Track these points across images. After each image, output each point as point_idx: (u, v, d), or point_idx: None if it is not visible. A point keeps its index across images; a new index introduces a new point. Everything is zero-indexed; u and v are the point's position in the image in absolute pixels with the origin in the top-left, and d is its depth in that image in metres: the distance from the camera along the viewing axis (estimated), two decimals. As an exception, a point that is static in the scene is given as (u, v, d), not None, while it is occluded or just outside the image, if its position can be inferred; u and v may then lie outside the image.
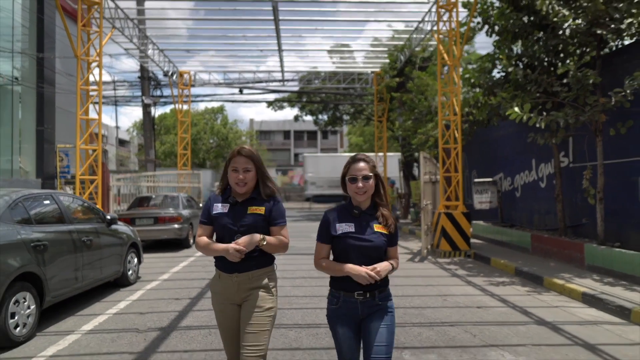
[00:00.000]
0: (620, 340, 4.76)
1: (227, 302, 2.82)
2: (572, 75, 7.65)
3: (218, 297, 2.86)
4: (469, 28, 10.79)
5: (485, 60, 10.19)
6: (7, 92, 12.24)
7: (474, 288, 7.27)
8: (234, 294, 2.78)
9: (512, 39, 9.55)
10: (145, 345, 4.65)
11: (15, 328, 4.65)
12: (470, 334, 4.90)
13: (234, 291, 2.78)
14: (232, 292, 2.78)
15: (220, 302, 2.84)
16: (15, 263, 4.68)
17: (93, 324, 5.39)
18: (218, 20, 14.64)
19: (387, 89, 18.12)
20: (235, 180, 2.78)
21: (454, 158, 11.19)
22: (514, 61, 9.42)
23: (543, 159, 11.08)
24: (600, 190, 8.40)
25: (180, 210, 12.32)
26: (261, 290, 2.78)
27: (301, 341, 4.70)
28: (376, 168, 2.69)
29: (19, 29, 12.62)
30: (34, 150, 13.06)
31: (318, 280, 7.44)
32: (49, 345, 4.68)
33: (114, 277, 7.15)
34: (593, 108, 7.78)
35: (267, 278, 2.83)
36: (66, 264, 5.64)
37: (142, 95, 20.65)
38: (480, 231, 13.11)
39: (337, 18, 14.64)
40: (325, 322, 2.71)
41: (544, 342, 4.68)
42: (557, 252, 9.02)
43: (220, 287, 2.83)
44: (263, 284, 2.79)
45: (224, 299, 2.82)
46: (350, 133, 44.22)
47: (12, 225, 4.89)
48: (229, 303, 2.81)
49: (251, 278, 2.77)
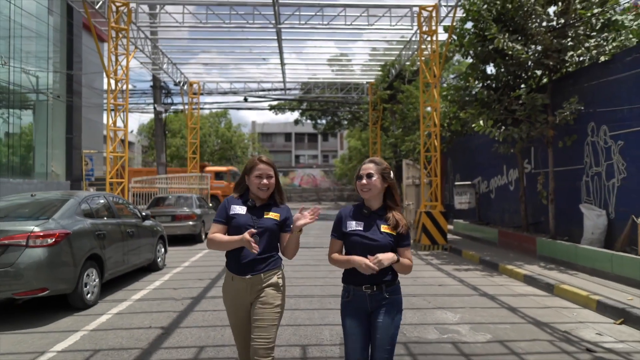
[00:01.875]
0: (537, 305, 6.38)
1: (240, 304, 2.98)
2: (524, 98, 9.28)
3: (230, 299, 3.01)
4: (446, 52, 12.41)
5: (460, 80, 11.81)
6: (43, 106, 13.91)
7: (442, 273, 8.89)
8: (247, 295, 2.95)
9: (481, 63, 11.17)
10: (184, 307, 6.27)
11: (87, 295, 6.27)
12: (426, 301, 6.52)
13: (247, 292, 2.94)
14: (245, 293, 2.95)
15: (233, 304, 3.01)
16: (86, 246, 6.31)
17: (139, 295, 7.02)
18: (227, 40, 16.24)
19: (380, 100, 19.79)
20: (259, 186, 2.97)
21: (434, 164, 12.81)
22: (482, 82, 11.03)
23: (512, 165, 12.70)
24: (551, 193, 10.04)
25: (194, 209, 13.94)
26: (271, 288, 2.97)
27: (299, 305, 6.31)
28: (390, 174, 2.83)
29: (51, 48, 14.26)
30: (64, 155, 14.71)
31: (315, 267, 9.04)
32: (111, 307, 6.30)
33: (147, 263, 8.76)
34: (542, 125, 9.42)
35: (277, 276, 3.02)
36: (117, 249, 7.26)
37: (155, 103, 22.26)
38: (460, 228, 14.73)
39: (333, 35, 16.25)
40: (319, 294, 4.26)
41: (479, 306, 6.30)
42: (517, 245, 10.64)
43: (233, 290, 2.99)
44: (273, 283, 2.98)
45: (236, 301, 2.99)
46: (349, 136, 45.82)
47: (82, 218, 6.52)
48: (241, 304, 2.98)
49: (263, 278, 2.94)
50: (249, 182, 3.03)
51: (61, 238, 5.77)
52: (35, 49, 13.63)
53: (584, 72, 9.51)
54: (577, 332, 5.19)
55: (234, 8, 12.82)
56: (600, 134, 9.04)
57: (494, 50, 10.59)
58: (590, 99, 9.18)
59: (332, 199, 48.04)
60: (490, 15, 9.96)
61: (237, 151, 42.30)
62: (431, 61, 12.88)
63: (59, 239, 5.74)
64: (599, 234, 8.73)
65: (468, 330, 5.23)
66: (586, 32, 9.14)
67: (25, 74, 12.85)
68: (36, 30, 13.51)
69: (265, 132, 64.65)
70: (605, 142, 8.87)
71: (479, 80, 10.83)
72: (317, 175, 57.59)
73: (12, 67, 12.22)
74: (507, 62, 9.92)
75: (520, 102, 9.64)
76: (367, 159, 2.91)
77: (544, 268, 8.58)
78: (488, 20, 9.79)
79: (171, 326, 5.41)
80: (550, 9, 9.99)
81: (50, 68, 13.96)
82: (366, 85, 21.71)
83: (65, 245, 5.85)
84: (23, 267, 5.38)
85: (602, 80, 8.86)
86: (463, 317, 5.77)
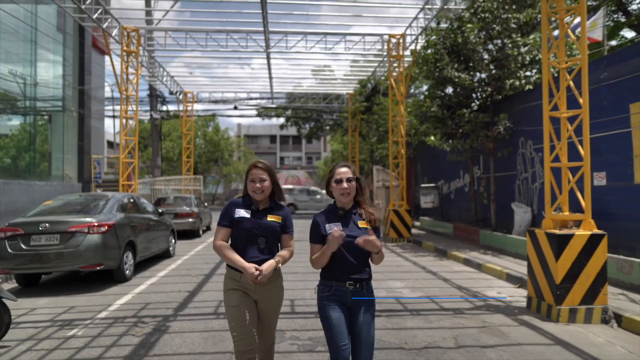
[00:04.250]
0: (464, 278, 8.56)
1: (245, 298, 3.10)
2: (467, 116, 11.51)
3: (236, 294, 3.11)
4: (411, 73, 14.63)
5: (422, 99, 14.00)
6: (60, 117, 15.74)
7: (401, 258, 11.05)
8: (252, 291, 3.12)
9: (440, 85, 13.38)
10: (200, 280, 8.28)
11: (126, 271, 8.25)
12: (383, 275, 8.64)
13: (253, 291, 3.11)
14: (252, 289, 3.11)
15: (238, 297, 3.09)
16: (125, 234, 8.29)
17: (163, 273, 9.02)
18: (222, 58, 18.21)
19: (358, 111, 22.00)
20: (253, 189, 3.12)
21: (401, 169, 15.00)
22: (441, 101, 13.22)
23: (467, 170, 14.95)
24: (493, 194, 12.30)
25: (193, 208, 15.90)
26: (275, 289, 3.20)
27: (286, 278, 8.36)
28: (357, 173, 2.99)
29: (68, 69, 16.13)
30: (76, 160, 16.54)
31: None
32: (145, 281, 8.29)
33: (162, 251, 10.72)
34: (483, 138, 11.66)
35: (279, 277, 3.23)
36: (144, 238, 9.24)
37: (151, 111, 24.11)
38: (425, 224, 16.96)
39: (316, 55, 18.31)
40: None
41: (422, 278, 8.45)
42: (466, 237, 12.87)
43: (236, 284, 3.12)
44: (277, 283, 3.21)
45: (242, 295, 3.10)
46: (332, 139, 47.98)
47: (122, 213, 8.50)
48: (247, 298, 3.11)
49: (269, 279, 3.08)
50: (247, 186, 3.20)
51: (110, 227, 7.76)
52: (53, 68, 15.49)
53: (515, 97, 11.76)
54: (484, 292, 7.37)
55: (230, 34, 14.82)
56: (527, 147, 11.30)
57: (446, 77, 12.84)
58: (520, 118, 11.44)
59: (315, 200, 50.10)
60: (445, 48, 12.14)
61: (224, 154, 44.14)
62: (399, 82, 15.07)
63: (109, 228, 7.73)
64: (525, 226, 10.98)
65: (408, 291, 7.37)
66: (517, 65, 11.39)
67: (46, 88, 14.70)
68: (53, 50, 15.37)
69: (250, 134, 66.39)
70: (531, 153, 11.13)
71: (435, 99, 13.02)
72: (301, 176, 59.46)
73: (38, 87, 14.08)
74: (457, 86, 12.14)
75: (466, 119, 11.86)
76: (337, 164, 3.05)
77: (482, 253, 10.78)
78: (442, 52, 11.99)
79: (194, 291, 7.45)
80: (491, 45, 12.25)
81: (66, 84, 15.80)
82: (346, 96, 23.89)
83: (113, 232, 7.84)
84: (85, 248, 7.36)
85: (527, 105, 11.13)
86: (407, 284, 7.92)
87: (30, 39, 14.34)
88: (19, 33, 13.81)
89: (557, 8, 6.26)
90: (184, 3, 16.26)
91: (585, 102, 5.93)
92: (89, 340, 5.01)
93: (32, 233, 7.29)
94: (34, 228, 7.32)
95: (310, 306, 6.40)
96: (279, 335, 4.93)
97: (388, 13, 15.97)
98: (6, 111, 14.24)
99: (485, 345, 4.83)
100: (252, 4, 13.35)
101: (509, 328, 5.41)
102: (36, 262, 7.23)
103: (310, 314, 5.98)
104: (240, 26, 14.93)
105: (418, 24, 13.82)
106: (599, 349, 4.73)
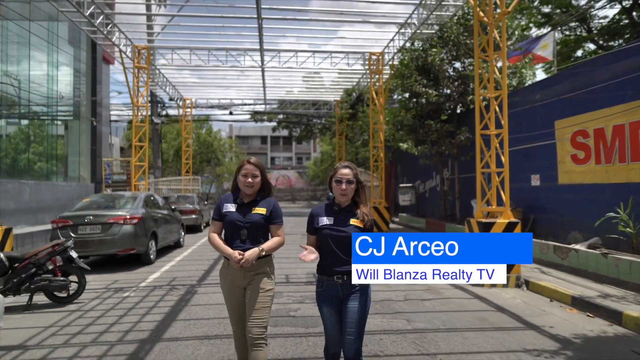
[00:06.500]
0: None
1: (234, 286, 3.36)
2: (434, 126, 13.54)
3: (227, 281, 3.40)
4: (389, 86, 16.65)
5: (398, 108, 16.03)
6: (75, 124, 17.53)
7: (378, 247, 13.03)
8: (241, 279, 3.34)
9: (413, 98, 15.40)
10: (210, 264, 10.18)
11: (151, 255, 10.13)
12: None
13: (241, 277, 3.34)
14: (239, 278, 3.34)
15: (228, 286, 3.39)
16: (150, 225, 10.17)
17: (180, 257, 10.92)
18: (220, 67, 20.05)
19: (344, 117, 24.02)
20: (244, 184, 3.33)
21: (380, 170, 17.00)
22: (415, 111, 15.23)
23: (438, 172, 17.01)
24: (458, 192, 14.36)
25: (195, 205, 17.77)
26: (263, 275, 3.36)
27: (281, 261, 10.31)
28: (358, 175, 3.13)
29: (82, 80, 17.93)
30: (89, 163, 18.32)
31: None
32: (166, 264, 10.18)
33: (174, 242, 12.59)
34: (448, 145, 13.71)
35: (267, 266, 3.40)
36: (163, 229, 11.11)
37: (152, 116, 25.88)
38: (404, 220, 19.01)
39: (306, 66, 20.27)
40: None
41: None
42: (435, 230, 14.90)
43: (229, 275, 3.37)
44: (264, 270, 3.37)
45: (231, 283, 3.37)
46: (321, 141, 49.91)
47: (146, 208, 10.38)
48: (236, 286, 3.36)
49: (255, 266, 3.31)
50: (237, 180, 3.39)
51: (140, 220, 9.65)
52: (72, 82, 17.29)
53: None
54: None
55: (229, 51, 16.72)
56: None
57: (417, 91, 14.88)
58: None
59: (305, 199, 51.94)
60: (417, 66, 14.14)
61: (217, 154, 45.86)
62: (379, 93, 17.08)
63: (139, 220, 9.62)
64: (482, 219, 13.02)
65: (378, 269, 9.34)
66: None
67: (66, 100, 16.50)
68: (71, 64, 17.17)
69: (242, 135, 67.92)
70: (487, 158, 13.17)
71: (409, 110, 15.03)
72: (291, 176, 61.16)
73: (58, 99, 15.89)
74: (425, 100, 14.17)
75: (434, 129, 13.88)
76: (340, 163, 3.16)
77: (445, 243, 12.80)
78: (412, 70, 14.00)
79: (209, 269, 9.37)
80: (458, 63, 14.30)
81: (81, 95, 17.60)
82: (333, 102, 25.89)
83: (141, 224, 9.72)
84: (121, 236, 9.24)
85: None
86: (378, 264, 9.89)
87: (51, 55, 16.11)
88: (42, 51, 15.59)
89: (488, 53, 8.29)
90: (185, 19, 17.53)
91: (505, 123, 7.97)
92: (142, 298, 6.92)
93: (79, 224, 9.16)
94: (80, 220, 9.19)
95: (301, 278, 8.35)
96: (278, 295, 6.85)
97: (369, 35, 17.77)
98: (34, 120, 16.01)
99: (425, 299, 6.82)
100: (249, 28, 15.27)
101: (445, 289, 7.42)
102: (82, 247, 9.07)
103: (300, 283, 7.93)
104: (239, 45, 16.84)
105: (395, 44, 15.83)
106: (504, 301, 6.75)
